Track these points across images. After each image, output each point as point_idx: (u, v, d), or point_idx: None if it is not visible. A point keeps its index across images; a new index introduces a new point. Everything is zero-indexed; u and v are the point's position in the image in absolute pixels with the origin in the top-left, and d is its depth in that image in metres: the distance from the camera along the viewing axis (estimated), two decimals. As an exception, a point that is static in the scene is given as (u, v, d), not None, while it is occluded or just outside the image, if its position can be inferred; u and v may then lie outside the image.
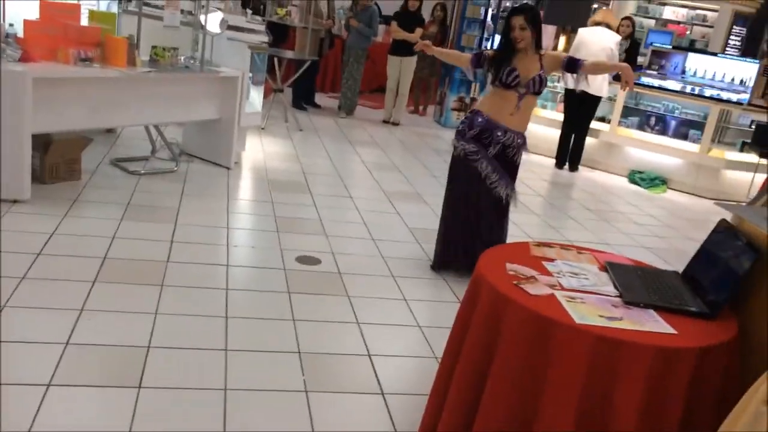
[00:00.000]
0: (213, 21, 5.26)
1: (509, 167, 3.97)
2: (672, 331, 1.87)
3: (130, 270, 3.52)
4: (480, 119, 3.88)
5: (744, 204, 2.77)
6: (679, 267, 2.33)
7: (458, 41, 9.18)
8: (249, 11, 6.27)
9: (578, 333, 1.81)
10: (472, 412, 2.01)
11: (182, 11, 5.30)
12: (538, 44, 3.84)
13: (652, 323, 1.91)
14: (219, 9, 5.60)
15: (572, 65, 3.85)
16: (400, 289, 3.82)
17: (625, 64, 3.84)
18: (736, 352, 1.95)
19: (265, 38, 6.01)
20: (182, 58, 5.14)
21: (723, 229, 2.20)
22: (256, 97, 6.03)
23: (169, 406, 2.48)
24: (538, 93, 3.90)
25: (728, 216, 2.29)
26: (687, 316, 1.99)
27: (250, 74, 5.75)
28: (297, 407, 2.59)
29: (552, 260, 2.30)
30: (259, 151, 6.44)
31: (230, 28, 5.59)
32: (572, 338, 1.81)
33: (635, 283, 2.16)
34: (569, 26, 9.33)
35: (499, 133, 3.86)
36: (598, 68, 4.27)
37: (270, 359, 2.91)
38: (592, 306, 1.97)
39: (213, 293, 3.42)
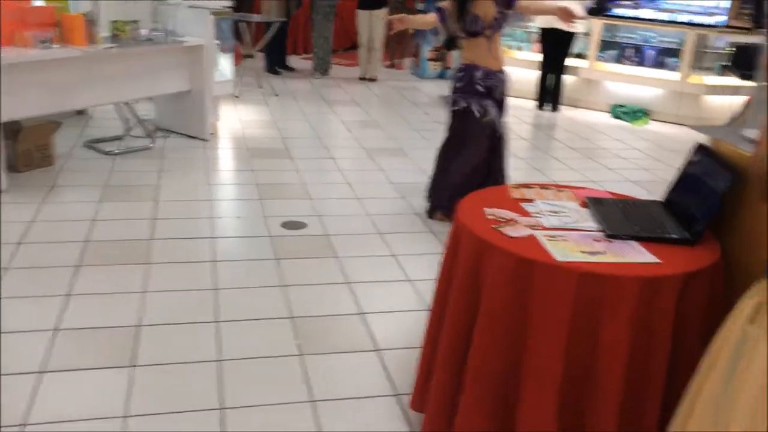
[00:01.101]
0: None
1: (503, 105, 4.13)
2: (655, 260, 1.86)
3: (114, 251, 3.49)
4: (479, 72, 3.93)
5: (720, 126, 2.74)
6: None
7: (428, -7, 8.99)
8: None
9: (561, 271, 1.79)
10: (463, 359, 2.00)
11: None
12: None
13: (635, 254, 1.90)
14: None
15: (509, 1, 3.88)
16: (389, 246, 3.81)
17: (560, 5, 3.90)
18: (720, 275, 1.94)
19: (228, 2, 5.85)
20: (144, 31, 5.01)
21: (700, 153, 2.17)
22: (225, 64, 5.91)
23: (165, 382, 2.48)
24: (500, 28, 3.96)
25: (705, 139, 2.27)
26: (670, 244, 1.98)
27: (217, 41, 5.62)
28: (292, 372, 2.59)
29: (531, 201, 2.28)
30: (235, 120, 6.34)
31: (191, -5, 5.44)
32: (555, 277, 1.80)
33: (616, 216, 2.14)
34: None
35: (494, 79, 3.98)
36: (533, 8, 4.19)
37: (262, 327, 2.90)
38: (574, 243, 1.95)
39: (200, 267, 3.40)
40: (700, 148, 2.20)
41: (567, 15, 3.86)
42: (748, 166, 1.86)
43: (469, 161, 4.04)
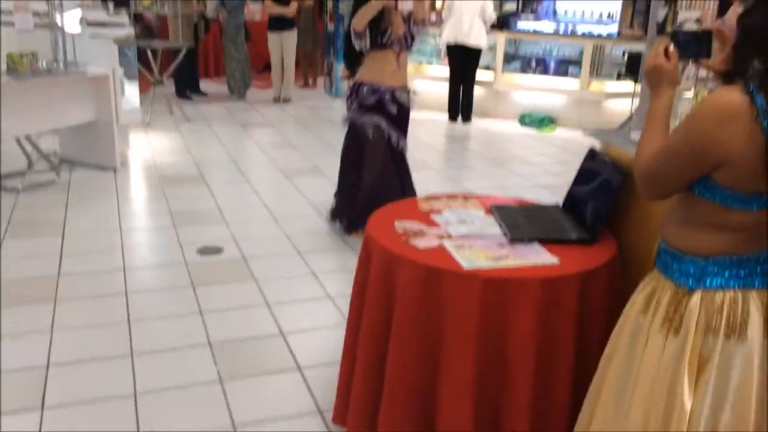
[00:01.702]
0: (71, 20, 4.96)
1: (404, 122, 4.12)
2: (555, 260, 1.95)
3: (19, 290, 3.33)
4: (365, 89, 3.94)
5: (610, 130, 2.91)
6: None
7: (336, 10, 9.09)
8: (111, 4, 5.95)
9: (467, 278, 1.85)
10: (380, 370, 2.03)
11: (36, 13, 4.96)
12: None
13: (536, 256, 1.98)
14: (77, 6, 5.30)
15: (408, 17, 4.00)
16: (307, 264, 3.81)
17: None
18: (618, 270, 2.05)
19: (132, 30, 5.74)
20: (43, 62, 4.84)
21: (592, 157, 2.30)
22: (132, 92, 5.78)
23: (76, 424, 2.38)
24: (409, 48, 4.04)
25: (597, 144, 2.40)
26: (569, 243, 2.08)
27: (122, 69, 5.49)
28: (213, 399, 2.55)
29: (440, 212, 2.34)
30: (146, 148, 6.19)
31: (92, 24, 5.30)
32: (462, 284, 1.86)
33: (520, 221, 2.23)
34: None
35: (388, 96, 3.96)
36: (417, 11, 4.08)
37: (179, 356, 2.84)
38: (480, 249, 2.02)
39: (112, 300, 3.29)
40: (593, 153, 2.32)
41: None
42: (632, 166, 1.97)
43: (371, 176, 4.02)
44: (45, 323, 3.03)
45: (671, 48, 1.62)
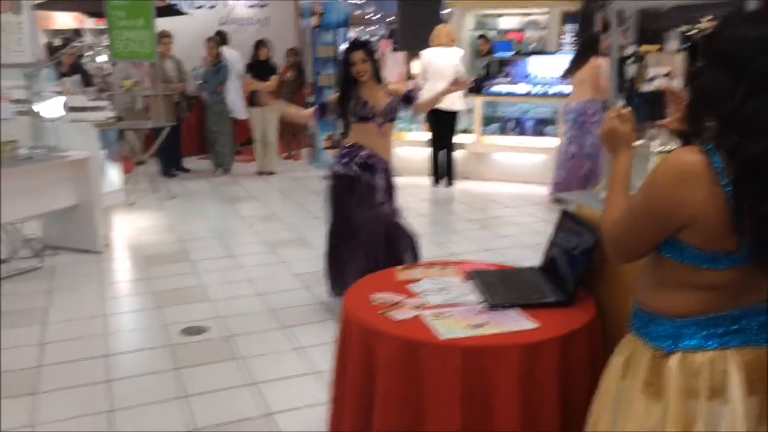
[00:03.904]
0: (51, 106, 5.04)
1: (392, 193, 4.11)
2: (533, 325, 1.94)
3: (-2, 385, 3.26)
4: (363, 152, 3.93)
5: (581, 191, 2.94)
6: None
7: (316, 82, 9.29)
8: (91, 89, 6.06)
9: (445, 348, 1.84)
10: (365, 450, 1.98)
11: (15, 101, 5.04)
12: (378, 76, 3.97)
13: (515, 322, 1.97)
14: (57, 92, 5.39)
15: (408, 98, 4.06)
16: (294, 339, 3.76)
17: (444, 89, 4.19)
18: (598, 331, 2.04)
19: (112, 113, 5.82)
20: (24, 149, 4.88)
21: (565, 218, 2.31)
22: (114, 173, 5.81)
23: None
24: (393, 120, 4.04)
25: (571, 205, 2.42)
26: (547, 307, 2.07)
27: (103, 152, 5.54)
28: (197, 488, 2.46)
29: (417, 281, 2.34)
30: (130, 228, 6.18)
31: (72, 109, 5.38)
32: (441, 355, 1.84)
33: (497, 286, 2.23)
34: (419, 50, 9.67)
35: (376, 158, 3.96)
36: (430, 103, 4.38)
37: (163, 445, 2.76)
38: (458, 318, 2.01)
39: (93, 389, 3.22)
40: (565, 214, 2.34)
41: (461, 84, 4.19)
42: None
43: (364, 234, 3.93)
44: (22, 419, 2.95)
45: (625, 110, 1.66)
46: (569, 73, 6.77)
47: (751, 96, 1.36)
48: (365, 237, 3.97)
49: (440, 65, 7.55)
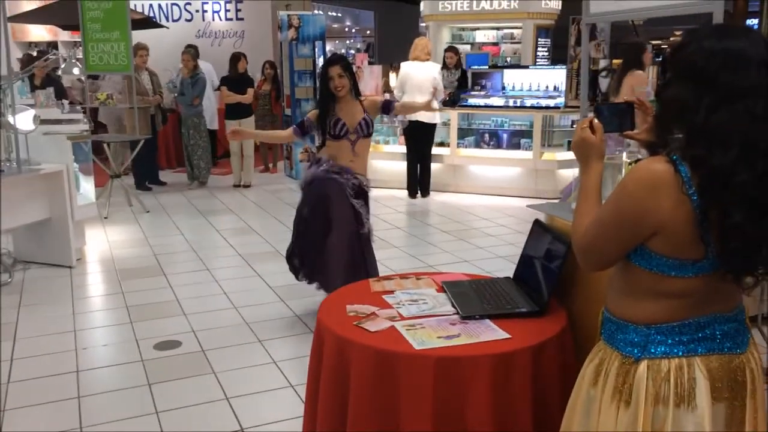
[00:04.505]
0: (24, 119, 4.97)
1: (365, 207, 4.08)
2: (505, 336, 1.94)
3: (-35, 402, 3.19)
4: (325, 164, 3.95)
5: (553, 202, 2.98)
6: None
7: (293, 95, 9.29)
8: (65, 102, 6.00)
9: (418, 359, 1.84)
10: (338, 463, 1.97)
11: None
12: (356, 90, 4.00)
13: (488, 332, 1.98)
14: (30, 105, 5.32)
15: (387, 107, 4.09)
16: (268, 353, 3.73)
17: (424, 102, 4.57)
18: (569, 340, 2.05)
19: (86, 126, 5.76)
20: (-6, 162, 4.81)
21: (538, 229, 2.33)
22: (88, 187, 5.74)
23: None
24: (368, 135, 4.04)
25: (542, 216, 2.44)
26: (520, 317, 2.08)
27: (76, 165, 5.47)
28: (169, 505, 2.42)
29: (392, 292, 2.33)
30: (103, 242, 6.11)
31: (46, 122, 5.31)
32: (414, 365, 1.84)
33: (470, 297, 2.23)
34: (397, 63, 9.74)
35: (348, 176, 3.95)
36: (406, 108, 4.86)
37: (135, 461, 2.72)
38: (431, 329, 2.01)
39: (63, 405, 3.16)
40: (538, 224, 2.36)
41: (428, 107, 4.52)
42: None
43: (341, 237, 3.90)
44: (-9, 435, 2.89)
45: (596, 122, 1.68)
46: (615, 92, 5.44)
47: (716, 109, 1.38)
48: (345, 236, 3.94)
49: (418, 78, 7.61)
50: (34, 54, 11.25)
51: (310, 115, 4.05)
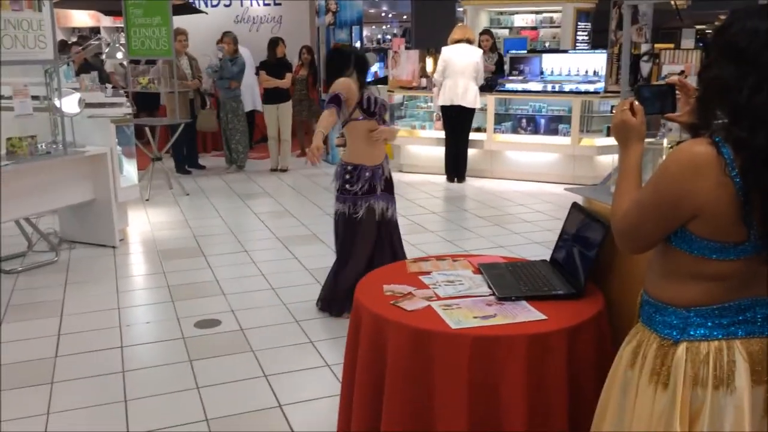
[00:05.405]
0: (69, 102, 5.11)
1: (390, 190, 4.12)
2: (542, 317, 1.95)
3: (15, 375, 3.32)
4: (367, 173, 3.95)
5: (592, 185, 2.95)
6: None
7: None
8: (108, 86, 6.13)
9: (455, 338, 1.86)
10: (375, 437, 2.01)
11: (36, 97, 5.11)
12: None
13: (524, 314, 1.99)
14: (75, 89, 5.45)
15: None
16: (306, 333, 3.79)
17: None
18: (606, 324, 2.05)
19: (129, 110, 5.89)
20: (42, 144, 4.95)
21: (575, 212, 2.32)
22: (131, 169, 5.88)
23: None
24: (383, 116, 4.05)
25: (580, 199, 2.43)
26: (557, 299, 2.09)
27: (120, 148, 5.60)
28: (210, 476, 2.50)
29: (429, 273, 2.36)
30: (145, 224, 6.25)
31: (90, 105, 5.45)
32: (450, 344, 1.86)
33: (507, 279, 2.24)
34: (433, 48, 9.69)
35: (380, 172, 4.00)
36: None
37: (177, 433, 2.80)
38: (467, 309, 2.02)
39: (108, 379, 3.27)
40: (576, 207, 2.35)
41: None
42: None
43: (365, 248, 4.00)
44: (40, 407, 3.00)
45: (636, 104, 1.67)
46: None
47: (760, 89, 1.36)
48: (369, 245, 4.04)
49: (460, 63, 7.57)
50: (75, 40, 11.51)
51: (346, 91, 3.83)
